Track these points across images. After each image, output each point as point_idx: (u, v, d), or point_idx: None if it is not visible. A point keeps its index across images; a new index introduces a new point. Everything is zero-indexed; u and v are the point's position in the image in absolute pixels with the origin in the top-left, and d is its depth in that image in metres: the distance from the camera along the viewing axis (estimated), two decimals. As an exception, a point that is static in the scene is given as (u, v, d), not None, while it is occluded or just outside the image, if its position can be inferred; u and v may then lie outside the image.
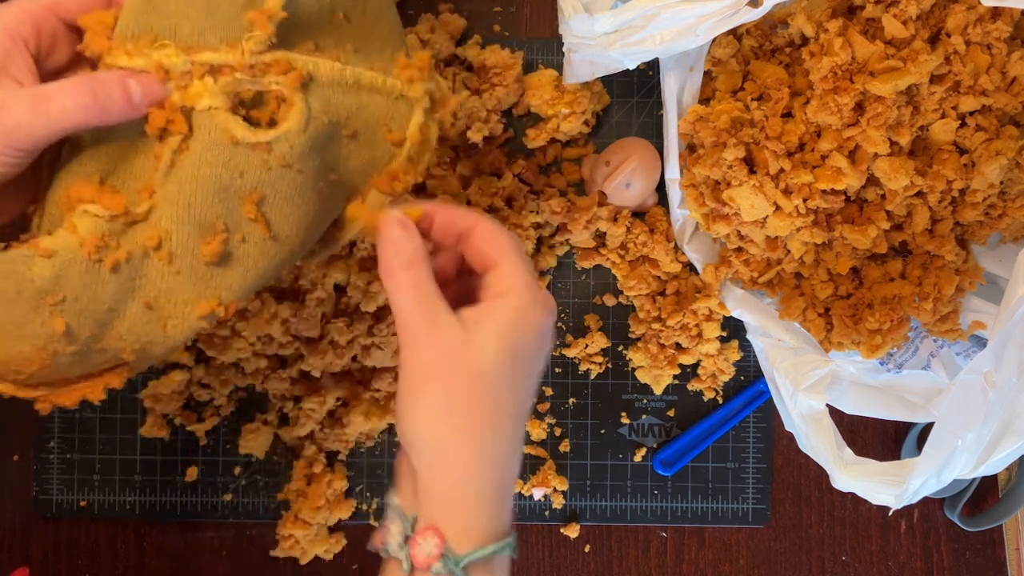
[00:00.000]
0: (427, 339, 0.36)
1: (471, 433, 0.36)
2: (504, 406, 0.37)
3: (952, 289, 0.55)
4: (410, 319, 0.36)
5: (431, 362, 0.36)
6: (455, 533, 0.36)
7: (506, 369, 0.37)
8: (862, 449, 0.65)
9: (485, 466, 0.37)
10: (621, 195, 0.60)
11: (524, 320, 0.37)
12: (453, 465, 0.36)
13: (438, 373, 0.36)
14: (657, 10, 0.50)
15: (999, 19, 0.51)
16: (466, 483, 0.36)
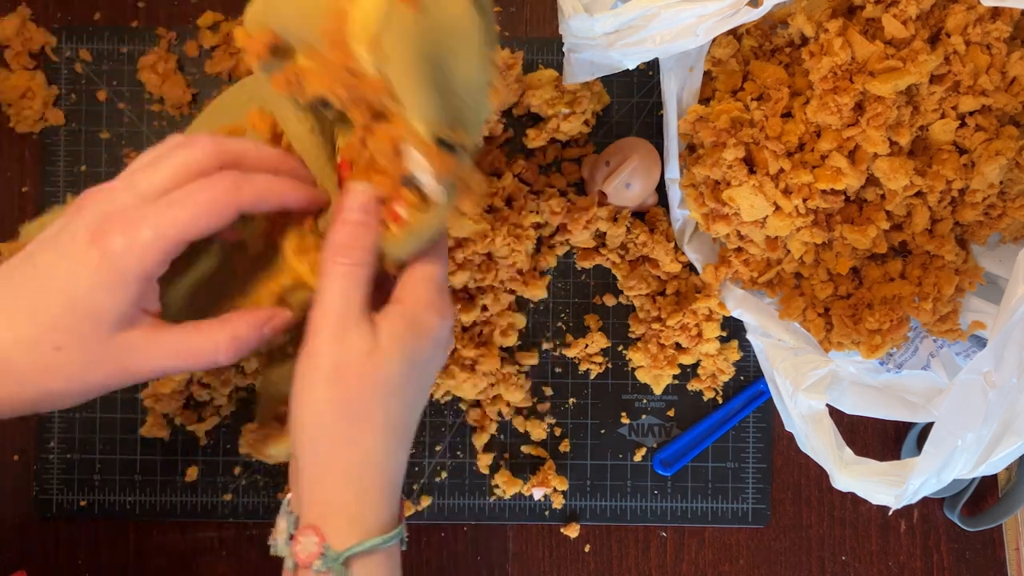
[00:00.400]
0: (334, 344, 0.36)
1: (358, 441, 0.36)
2: (395, 413, 0.37)
3: (952, 289, 0.55)
4: (327, 317, 0.36)
5: (335, 367, 0.36)
6: (335, 531, 0.36)
7: (403, 379, 0.37)
8: (862, 449, 0.65)
9: (369, 471, 0.37)
10: (621, 195, 0.60)
11: (418, 330, 0.37)
12: (336, 470, 0.37)
13: (339, 378, 0.36)
14: (657, 10, 0.50)
15: (999, 19, 0.51)
16: (348, 487, 0.37)
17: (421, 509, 0.63)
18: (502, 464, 0.64)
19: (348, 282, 0.36)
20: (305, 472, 0.37)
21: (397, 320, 0.37)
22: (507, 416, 0.64)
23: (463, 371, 0.61)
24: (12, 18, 0.61)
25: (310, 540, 0.37)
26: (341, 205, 0.37)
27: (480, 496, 0.64)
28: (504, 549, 0.64)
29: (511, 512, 0.64)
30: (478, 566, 0.64)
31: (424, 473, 0.64)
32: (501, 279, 0.62)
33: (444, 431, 0.64)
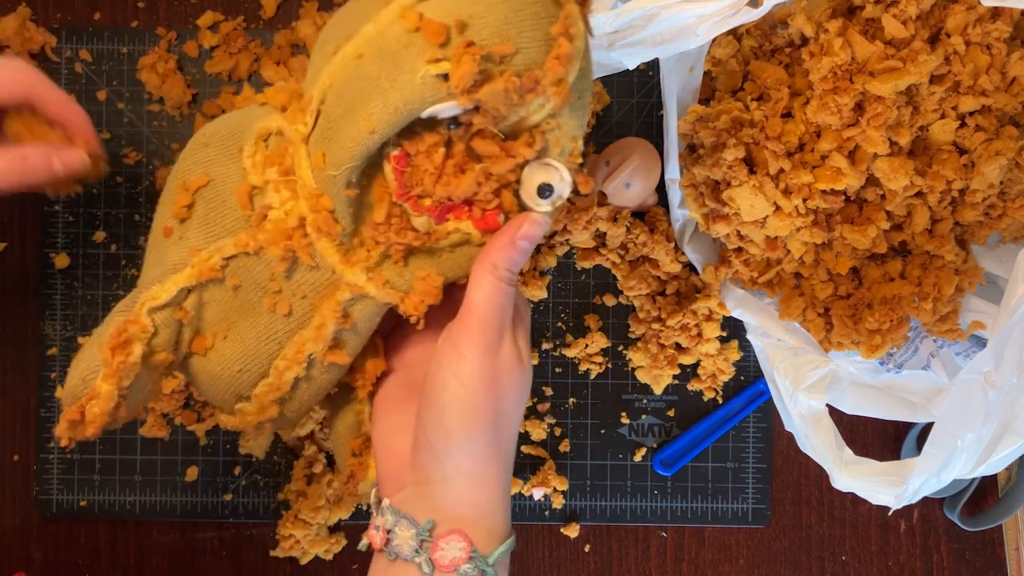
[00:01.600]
0: (493, 351, 0.38)
1: (504, 450, 0.39)
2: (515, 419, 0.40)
3: (952, 289, 0.55)
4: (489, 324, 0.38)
5: (491, 375, 0.38)
6: (481, 536, 0.38)
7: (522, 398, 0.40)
8: (862, 449, 0.65)
9: (504, 476, 0.39)
10: (621, 195, 0.60)
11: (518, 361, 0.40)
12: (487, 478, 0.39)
13: (494, 386, 0.38)
14: (657, 10, 0.50)
15: (999, 19, 0.51)
16: (494, 495, 0.39)
17: (421, 509, 0.63)
18: (502, 464, 0.64)
19: (504, 296, 0.38)
20: (451, 480, 0.38)
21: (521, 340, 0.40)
22: (507, 416, 0.64)
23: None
24: (12, 18, 0.61)
25: (455, 545, 0.38)
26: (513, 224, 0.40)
27: (480, 496, 0.64)
28: (504, 549, 0.64)
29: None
30: (478, 566, 0.64)
31: (424, 473, 0.64)
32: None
33: (444, 431, 0.64)
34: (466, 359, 0.37)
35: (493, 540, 0.39)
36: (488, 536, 0.39)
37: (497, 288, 0.38)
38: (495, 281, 0.38)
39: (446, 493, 0.39)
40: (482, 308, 0.38)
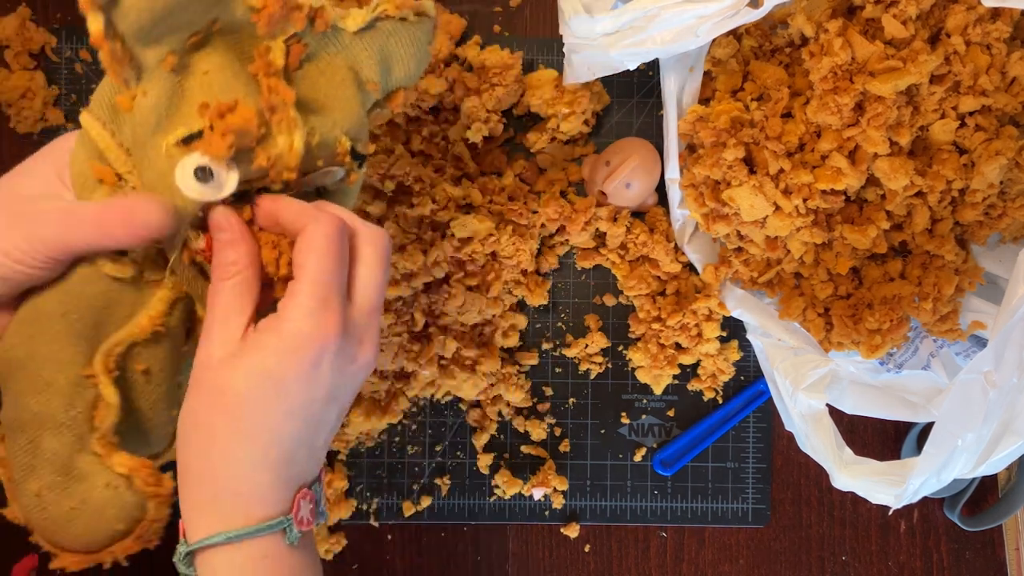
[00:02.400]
0: (201, 352, 0.37)
1: (204, 447, 0.38)
2: (251, 433, 0.37)
3: (952, 289, 0.55)
4: (205, 327, 0.38)
5: (195, 375, 0.38)
6: (191, 528, 0.38)
7: (254, 398, 0.36)
8: (862, 449, 0.65)
9: (217, 478, 0.37)
10: (621, 195, 0.60)
11: (286, 350, 0.36)
12: (191, 473, 0.38)
13: (195, 384, 0.38)
14: (657, 11, 0.50)
15: (999, 19, 0.51)
16: (201, 490, 0.38)
17: (421, 509, 0.63)
18: (502, 464, 0.64)
19: (218, 297, 0.38)
20: (178, 476, 0.39)
21: (265, 339, 0.37)
22: (507, 416, 0.64)
23: (463, 371, 0.61)
24: (12, 18, 0.61)
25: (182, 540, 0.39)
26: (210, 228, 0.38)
27: (480, 496, 0.64)
28: (504, 549, 0.64)
29: (511, 512, 0.64)
30: (478, 566, 0.64)
31: (424, 473, 0.64)
32: (505, 280, 0.62)
33: (444, 431, 0.64)
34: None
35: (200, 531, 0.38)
36: (198, 527, 0.38)
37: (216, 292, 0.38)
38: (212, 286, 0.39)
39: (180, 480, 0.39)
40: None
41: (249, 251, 0.38)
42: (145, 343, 0.40)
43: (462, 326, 0.62)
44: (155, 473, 0.40)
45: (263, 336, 0.37)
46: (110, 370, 0.39)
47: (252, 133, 0.36)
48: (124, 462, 0.39)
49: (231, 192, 0.37)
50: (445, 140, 0.62)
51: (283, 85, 0.37)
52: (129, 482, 0.39)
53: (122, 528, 0.40)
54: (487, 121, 0.61)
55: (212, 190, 0.37)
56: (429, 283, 0.60)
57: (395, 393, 0.62)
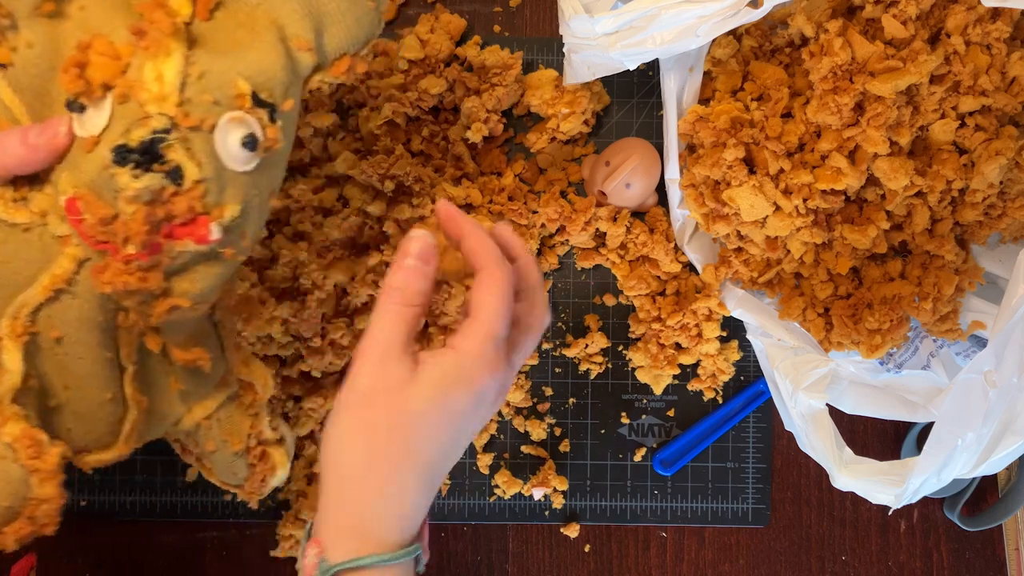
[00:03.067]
0: (373, 370, 0.38)
1: (375, 467, 0.38)
2: (420, 450, 0.38)
3: (952, 289, 0.55)
4: (371, 347, 0.38)
5: (366, 392, 0.38)
6: (335, 546, 0.38)
7: (429, 419, 0.38)
8: (862, 449, 0.65)
9: (381, 498, 0.38)
10: (621, 195, 0.60)
11: (462, 377, 0.38)
12: (351, 490, 0.38)
13: (369, 403, 0.38)
14: (657, 11, 0.50)
15: (999, 19, 0.51)
16: (358, 508, 0.38)
17: (421, 509, 0.64)
18: (502, 464, 0.64)
19: (396, 320, 0.39)
20: (324, 488, 0.39)
21: (443, 363, 0.38)
22: (507, 416, 0.64)
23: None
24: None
25: (312, 551, 0.38)
26: (401, 250, 0.40)
27: (480, 496, 0.64)
28: (504, 549, 0.64)
29: (511, 512, 0.64)
30: (478, 566, 0.64)
31: (424, 473, 0.64)
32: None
33: (444, 431, 0.64)
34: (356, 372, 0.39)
35: (348, 551, 0.37)
36: (344, 546, 0.38)
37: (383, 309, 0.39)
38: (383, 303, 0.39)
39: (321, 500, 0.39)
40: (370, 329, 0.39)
41: (431, 288, 0.40)
42: (53, 306, 0.38)
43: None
44: (38, 444, 0.38)
45: (441, 359, 0.38)
46: (18, 334, 0.37)
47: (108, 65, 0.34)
48: (12, 431, 0.37)
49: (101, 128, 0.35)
50: (445, 140, 0.62)
51: (162, 15, 0.34)
52: (15, 454, 0.37)
53: (6, 505, 0.38)
54: (487, 121, 0.61)
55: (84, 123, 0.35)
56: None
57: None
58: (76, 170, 0.35)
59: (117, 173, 0.34)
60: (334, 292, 0.59)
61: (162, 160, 0.35)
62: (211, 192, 0.36)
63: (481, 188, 0.61)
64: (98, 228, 0.35)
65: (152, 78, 0.34)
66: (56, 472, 0.38)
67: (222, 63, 0.36)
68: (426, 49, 0.61)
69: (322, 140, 0.61)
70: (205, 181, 0.36)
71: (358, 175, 0.59)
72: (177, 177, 0.35)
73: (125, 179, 0.34)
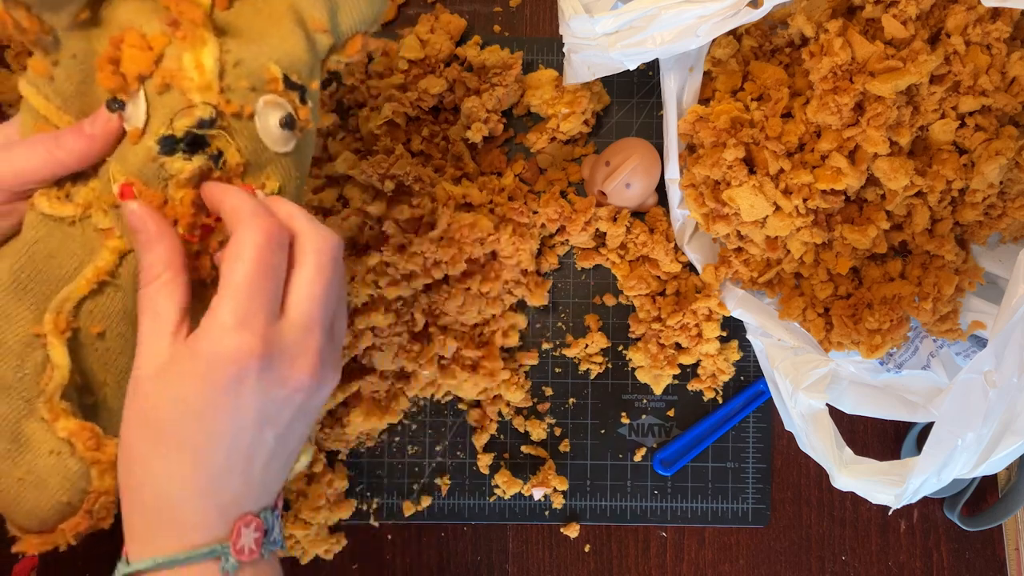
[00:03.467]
0: (138, 361, 0.35)
1: (146, 462, 0.35)
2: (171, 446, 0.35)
3: (952, 289, 0.55)
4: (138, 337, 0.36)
5: (132, 386, 0.36)
6: (132, 549, 0.36)
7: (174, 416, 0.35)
8: (862, 449, 0.65)
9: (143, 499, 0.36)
10: (621, 195, 0.60)
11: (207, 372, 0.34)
12: (130, 489, 0.36)
13: (132, 395, 0.36)
14: (657, 11, 0.50)
15: (999, 19, 0.51)
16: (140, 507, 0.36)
17: (421, 509, 0.63)
18: (502, 464, 0.64)
19: (150, 302, 0.35)
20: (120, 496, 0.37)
21: (184, 351, 0.35)
22: (507, 416, 0.64)
23: (463, 371, 0.61)
24: (12, 18, 0.61)
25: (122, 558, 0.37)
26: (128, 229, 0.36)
27: (480, 496, 0.64)
28: (504, 549, 0.64)
29: (511, 512, 0.64)
30: (478, 566, 0.64)
31: (424, 473, 0.64)
32: (505, 280, 0.62)
33: (444, 431, 0.64)
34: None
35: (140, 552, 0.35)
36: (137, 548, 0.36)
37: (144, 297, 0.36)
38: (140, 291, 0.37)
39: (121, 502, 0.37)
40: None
41: (168, 251, 0.35)
42: (96, 300, 0.38)
43: (462, 326, 0.62)
44: (97, 437, 0.38)
45: (182, 357, 0.34)
46: (62, 330, 0.37)
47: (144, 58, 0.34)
48: (67, 426, 0.37)
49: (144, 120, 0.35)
50: (445, 140, 0.62)
51: (191, 6, 0.35)
52: (72, 448, 0.38)
53: (66, 500, 0.38)
54: (487, 121, 0.61)
55: (132, 120, 0.36)
56: (429, 283, 0.60)
57: (395, 393, 0.62)
58: (124, 161, 0.36)
59: (167, 161, 0.36)
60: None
61: (207, 145, 0.36)
62: (252, 170, 0.38)
63: (481, 188, 0.61)
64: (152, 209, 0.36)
65: (192, 67, 0.35)
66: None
67: (252, 49, 0.37)
68: (426, 49, 0.61)
69: (322, 140, 0.61)
70: (246, 162, 0.37)
71: (358, 175, 0.59)
72: (219, 160, 0.37)
73: (178, 164, 0.36)
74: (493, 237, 0.59)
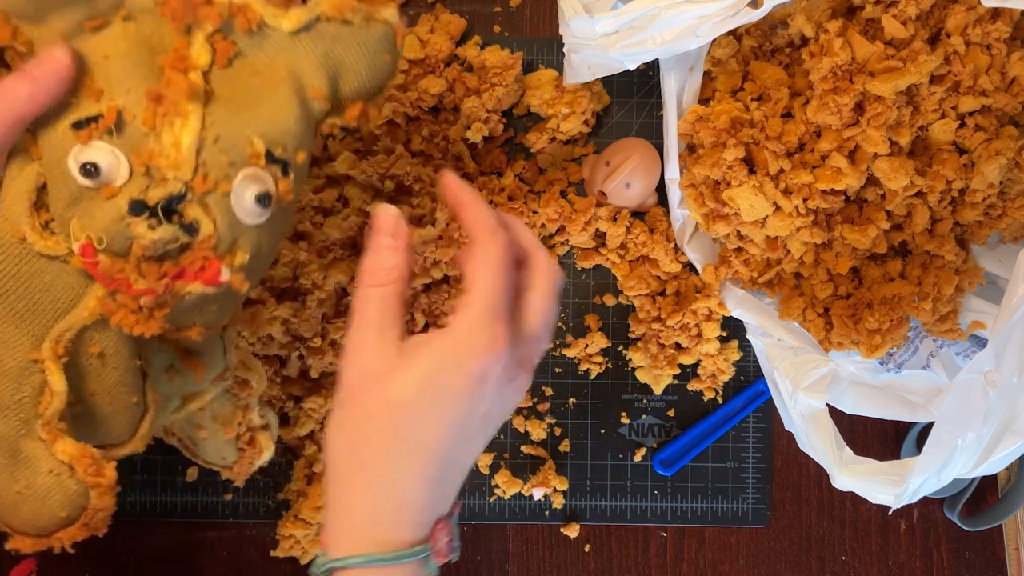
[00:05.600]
0: (355, 360, 0.36)
1: (364, 463, 0.36)
2: (409, 444, 0.36)
3: (952, 289, 0.55)
4: (354, 337, 0.37)
5: (351, 384, 0.37)
6: (335, 542, 0.37)
7: (419, 407, 0.36)
8: (862, 449, 0.65)
9: (376, 493, 0.36)
10: (621, 195, 0.60)
11: (453, 360, 0.35)
12: (344, 488, 0.37)
13: (352, 395, 0.36)
14: (657, 11, 0.50)
15: (999, 19, 0.51)
16: (355, 505, 0.37)
17: (421, 509, 0.64)
18: (502, 464, 0.64)
19: (371, 304, 0.37)
20: (324, 487, 0.38)
21: (432, 346, 0.36)
22: (507, 416, 0.64)
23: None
24: (12, 18, 0.61)
25: (319, 551, 0.38)
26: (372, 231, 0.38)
27: (480, 496, 0.64)
28: (504, 549, 0.64)
29: (511, 512, 0.64)
30: (478, 566, 0.64)
31: (424, 473, 0.64)
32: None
33: (444, 431, 0.64)
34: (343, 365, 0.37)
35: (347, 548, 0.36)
36: (344, 542, 0.36)
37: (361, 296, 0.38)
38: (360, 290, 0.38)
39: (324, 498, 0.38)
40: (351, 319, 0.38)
41: (405, 263, 0.37)
42: (97, 326, 0.39)
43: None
44: (96, 462, 0.39)
45: (431, 343, 0.36)
46: (59, 355, 0.38)
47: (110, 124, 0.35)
48: (67, 450, 0.38)
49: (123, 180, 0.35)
50: (445, 140, 0.62)
51: (181, 77, 0.35)
52: (71, 470, 0.39)
53: (65, 515, 0.39)
54: (487, 121, 0.61)
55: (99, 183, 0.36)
56: (429, 283, 0.60)
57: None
58: (90, 217, 0.36)
59: (133, 223, 0.36)
60: (334, 292, 0.59)
61: (179, 215, 0.36)
62: (223, 243, 0.37)
63: (481, 188, 0.61)
64: (112, 270, 0.36)
65: (169, 144, 0.35)
66: (114, 485, 0.40)
67: (237, 121, 0.37)
68: (426, 49, 0.61)
69: (322, 140, 0.61)
70: (218, 234, 0.37)
71: (358, 175, 0.59)
72: (192, 231, 0.36)
73: (141, 229, 0.36)
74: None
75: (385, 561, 0.36)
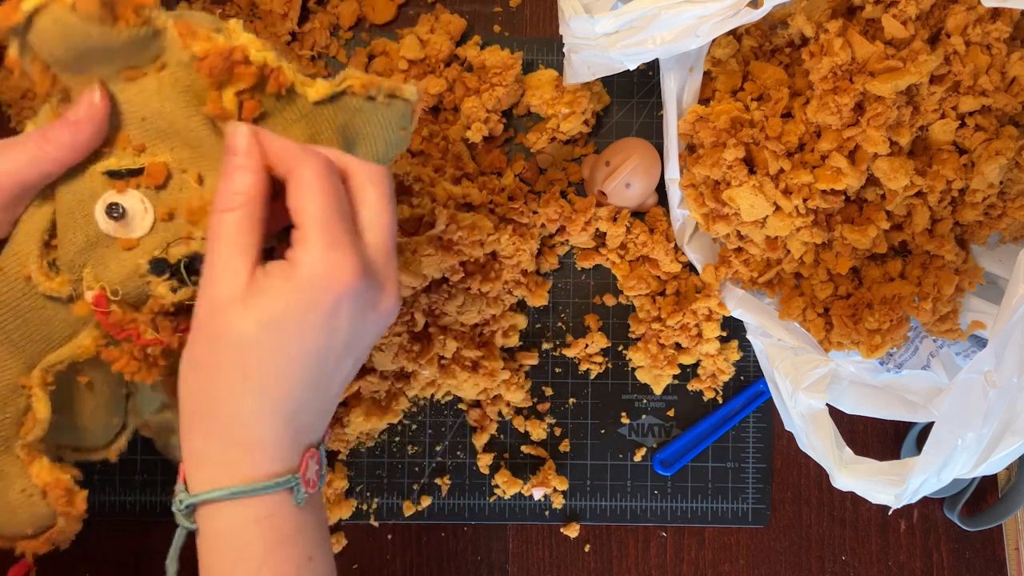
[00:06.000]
0: (203, 296, 0.35)
1: (211, 395, 0.35)
2: (257, 376, 0.34)
3: (952, 289, 0.55)
4: (206, 267, 0.35)
5: (201, 317, 0.35)
6: (193, 478, 0.36)
7: (266, 344, 0.34)
8: (862, 448, 0.65)
9: (229, 426, 0.35)
10: (621, 195, 0.60)
11: (300, 299, 0.34)
12: (195, 420, 0.36)
13: (201, 328, 0.35)
14: (657, 11, 0.50)
15: (999, 19, 0.51)
16: (207, 438, 0.36)
17: (421, 509, 0.64)
18: (502, 464, 0.64)
19: (221, 231, 0.34)
20: (180, 424, 0.37)
21: (277, 276, 0.34)
22: (507, 416, 0.64)
23: (463, 371, 0.61)
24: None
25: (179, 486, 0.37)
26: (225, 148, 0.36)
27: (480, 496, 0.64)
28: (504, 549, 0.64)
29: (511, 512, 0.64)
30: (478, 566, 0.64)
31: (424, 473, 0.64)
32: (505, 280, 0.62)
33: (444, 431, 0.64)
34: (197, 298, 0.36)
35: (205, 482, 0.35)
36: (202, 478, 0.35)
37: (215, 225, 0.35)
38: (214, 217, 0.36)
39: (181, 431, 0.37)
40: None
41: (258, 183, 0.35)
42: (89, 362, 0.40)
43: (462, 326, 0.62)
44: (68, 492, 0.40)
45: (276, 280, 0.34)
46: (47, 383, 0.39)
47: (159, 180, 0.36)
48: (42, 475, 0.39)
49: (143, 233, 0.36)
50: (445, 140, 0.62)
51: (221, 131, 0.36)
52: (44, 495, 0.39)
53: (31, 533, 0.40)
54: (487, 121, 0.61)
55: (122, 228, 0.36)
56: (429, 283, 0.60)
57: (395, 393, 0.62)
58: (104, 266, 0.37)
59: (153, 282, 0.37)
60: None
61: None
62: None
63: (481, 188, 0.61)
64: (123, 321, 0.37)
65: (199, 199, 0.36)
66: (83, 515, 0.41)
67: None
68: (426, 49, 0.61)
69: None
70: None
71: (358, 175, 0.59)
72: None
73: (162, 290, 0.37)
74: (493, 237, 0.59)
75: (245, 493, 0.35)
